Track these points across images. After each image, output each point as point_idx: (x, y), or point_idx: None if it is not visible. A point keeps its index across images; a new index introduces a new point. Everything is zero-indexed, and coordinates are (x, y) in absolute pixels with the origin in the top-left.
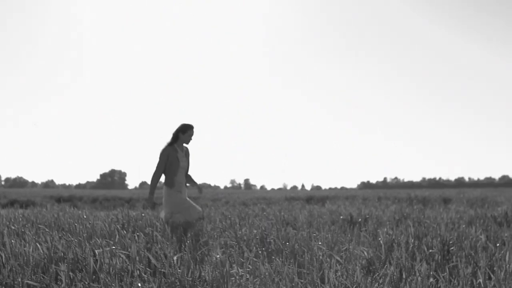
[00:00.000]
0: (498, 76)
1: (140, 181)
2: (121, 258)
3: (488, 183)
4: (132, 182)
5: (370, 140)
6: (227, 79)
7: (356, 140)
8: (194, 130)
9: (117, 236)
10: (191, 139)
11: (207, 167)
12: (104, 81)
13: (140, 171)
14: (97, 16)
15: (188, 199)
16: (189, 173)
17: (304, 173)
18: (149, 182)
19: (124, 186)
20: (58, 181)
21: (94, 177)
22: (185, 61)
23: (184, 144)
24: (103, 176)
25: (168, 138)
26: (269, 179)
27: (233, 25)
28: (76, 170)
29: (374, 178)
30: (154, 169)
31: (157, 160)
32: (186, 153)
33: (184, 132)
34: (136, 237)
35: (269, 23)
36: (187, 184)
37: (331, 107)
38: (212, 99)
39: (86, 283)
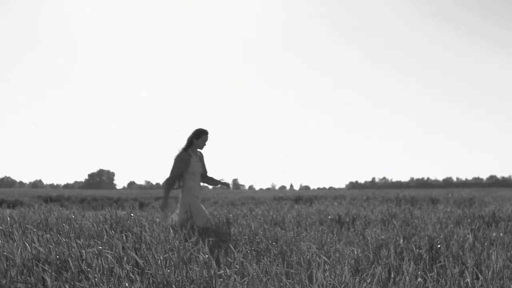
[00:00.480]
0: (486, 77)
1: (128, 181)
2: (108, 258)
3: (476, 183)
4: (120, 182)
5: (359, 140)
6: (219, 79)
7: (344, 140)
8: (209, 135)
9: (105, 236)
10: (205, 144)
11: None
12: (92, 81)
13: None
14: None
15: (202, 206)
16: (207, 175)
17: (293, 173)
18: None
19: (113, 186)
20: (46, 181)
21: (82, 177)
22: (175, 60)
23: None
24: (91, 176)
25: (157, 139)
26: (258, 179)
27: (232, 25)
28: (64, 170)
29: (363, 178)
30: (168, 174)
31: (166, 165)
32: (201, 158)
33: (198, 138)
34: (124, 237)
35: (262, 24)
36: (211, 187)
37: (319, 107)
38: (199, 99)
39: (73, 283)
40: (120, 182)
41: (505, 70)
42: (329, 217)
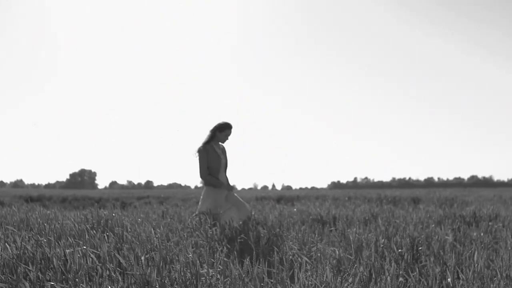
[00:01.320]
0: (467, 77)
1: (110, 181)
2: (90, 258)
3: (457, 183)
4: (102, 182)
5: (341, 140)
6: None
7: (326, 140)
8: (232, 130)
9: (86, 236)
10: (227, 138)
11: (177, 166)
12: (74, 80)
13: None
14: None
15: (236, 195)
16: (227, 173)
17: (275, 173)
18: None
19: (94, 186)
20: (27, 181)
21: (63, 177)
22: (162, 59)
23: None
24: (73, 175)
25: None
26: (240, 179)
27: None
28: (46, 170)
29: (345, 178)
30: (198, 170)
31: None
32: (223, 150)
33: (221, 131)
34: (106, 237)
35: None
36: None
37: (302, 108)
38: (182, 99)
39: (55, 283)
40: (102, 182)
41: (487, 70)
42: (311, 217)
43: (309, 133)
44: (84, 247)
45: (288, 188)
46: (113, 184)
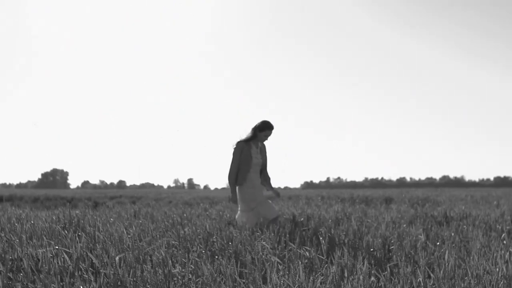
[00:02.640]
0: (441, 78)
1: (82, 181)
2: (62, 258)
3: (429, 183)
4: (74, 182)
5: (314, 140)
6: (159, 78)
7: (299, 140)
8: (272, 131)
9: (58, 236)
10: (266, 139)
11: (151, 166)
12: (45, 80)
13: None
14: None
15: (263, 196)
16: (268, 173)
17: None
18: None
19: (66, 185)
20: None
21: (35, 176)
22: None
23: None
24: (45, 175)
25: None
26: (213, 178)
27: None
28: (17, 169)
29: (317, 178)
30: (229, 167)
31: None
32: (262, 149)
33: (261, 131)
34: (78, 237)
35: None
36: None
37: (275, 108)
38: (150, 99)
39: (25, 283)
40: (74, 182)
41: (460, 71)
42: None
43: (282, 133)
44: (56, 247)
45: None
46: (86, 183)
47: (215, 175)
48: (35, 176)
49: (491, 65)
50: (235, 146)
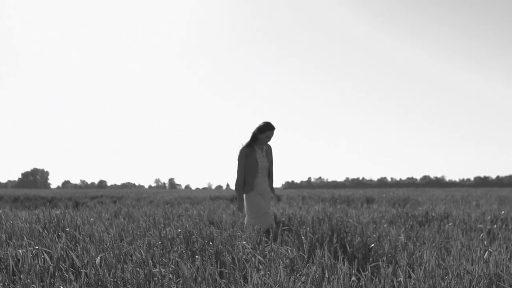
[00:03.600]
0: (421, 79)
1: (63, 180)
2: (42, 258)
3: (410, 183)
4: (54, 181)
5: (295, 140)
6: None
7: (280, 140)
8: (273, 131)
9: (38, 236)
10: (269, 140)
11: (132, 166)
12: (25, 80)
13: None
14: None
15: (267, 205)
16: (272, 177)
17: (229, 173)
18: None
19: (47, 185)
20: None
21: (15, 176)
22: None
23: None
24: (25, 175)
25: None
26: (194, 178)
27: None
28: None
29: (299, 178)
30: (235, 174)
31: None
32: (267, 151)
33: (262, 132)
34: (57, 237)
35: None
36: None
37: (256, 107)
38: (130, 99)
39: (6, 283)
40: (55, 181)
41: (440, 71)
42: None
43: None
44: (37, 247)
45: None
46: (66, 183)
47: (196, 175)
48: (15, 176)
49: (472, 66)
50: (238, 154)
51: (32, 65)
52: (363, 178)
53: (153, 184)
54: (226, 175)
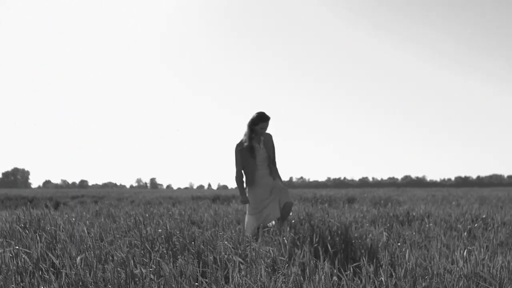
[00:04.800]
0: (402, 78)
1: (43, 180)
2: (22, 258)
3: (391, 182)
4: (35, 181)
5: (276, 140)
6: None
7: None
8: (267, 122)
9: (18, 236)
10: (264, 131)
11: (113, 165)
12: (4, 77)
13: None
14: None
15: (269, 197)
16: (275, 167)
17: (211, 173)
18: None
19: (27, 185)
20: None
21: None
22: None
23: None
24: (5, 174)
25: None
26: (176, 178)
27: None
28: None
29: None
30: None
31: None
32: (266, 141)
33: (256, 124)
34: (38, 237)
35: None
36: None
37: (236, 107)
38: (110, 97)
39: None
40: (36, 181)
41: (422, 70)
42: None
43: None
44: (16, 247)
45: (224, 187)
46: (47, 183)
47: (178, 175)
48: None
49: (453, 66)
50: (235, 148)
51: (10, 61)
52: (344, 178)
53: (135, 184)
54: (208, 175)
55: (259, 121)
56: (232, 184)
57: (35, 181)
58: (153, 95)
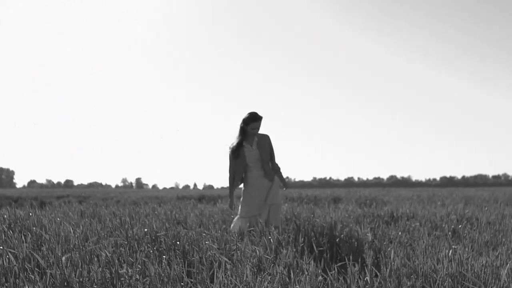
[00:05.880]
0: (388, 78)
1: (28, 180)
2: (7, 258)
3: (377, 182)
4: (20, 181)
5: None
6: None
7: None
8: (259, 122)
9: (3, 236)
10: (256, 132)
11: (98, 165)
12: None
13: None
14: None
15: (264, 205)
16: (275, 164)
17: (197, 172)
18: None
19: (12, 184)
20: None
21: None
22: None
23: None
24: None
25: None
26: (161, 178)
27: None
28: None
29: None
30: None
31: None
32: (260, 142)
33: (247, 125)
34: (23, 237)
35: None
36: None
37: (222, 107)
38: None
39: None
40: (20, 181)
41: (407, 71)
42: (232, 216)
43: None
44: (1, 247)
45: (210, 187)
46: (32, 183)
47: (163, 174)
48: None
49: (439, 67)
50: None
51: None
52: (330, 178)
53: (120, 184)
54: (194, 175)
55: (250, 121)
56: (217, 184)
57: (20, 181)
58: (140, 96)
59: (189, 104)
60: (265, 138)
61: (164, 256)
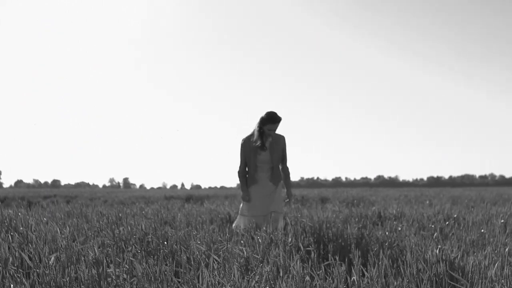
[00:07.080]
0: (376, 78)
1: (15, 180)
2: None
3: (364, 182)
4: (7, 181)
5: None
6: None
7: (234, 140)
8: (276, 124)
9: None
10: (272, 133)
11: (86, 165)
12: None
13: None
14: None
15: (267, 210)
16: (286, 169)
17: (184, 172)
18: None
19: None
20: None
21: None
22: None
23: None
24: None
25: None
26: (149, 178)
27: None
28: None
29: None
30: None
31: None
32: (273, 143)
33: (264, 125)
34: (10, 237)
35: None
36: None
37: (210, 108)
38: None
39: None
40: (7, 181)
41: (394, 71)
42: (220, 216)
43: (218, 133)
44: None
45: (197, 187)
46: (19, 183)
47: (151, 174)
48: None
49: (425, 66)
50: (241, 143)
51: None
52: (317, 178)
53: (107, 184)
54: (181, 175)
55: (268, 122)
56: (205, 184)
57: (7, 181)
58: (126, 94)
59: (176, 105)
60: (280, 140)
61: (152, 256)
